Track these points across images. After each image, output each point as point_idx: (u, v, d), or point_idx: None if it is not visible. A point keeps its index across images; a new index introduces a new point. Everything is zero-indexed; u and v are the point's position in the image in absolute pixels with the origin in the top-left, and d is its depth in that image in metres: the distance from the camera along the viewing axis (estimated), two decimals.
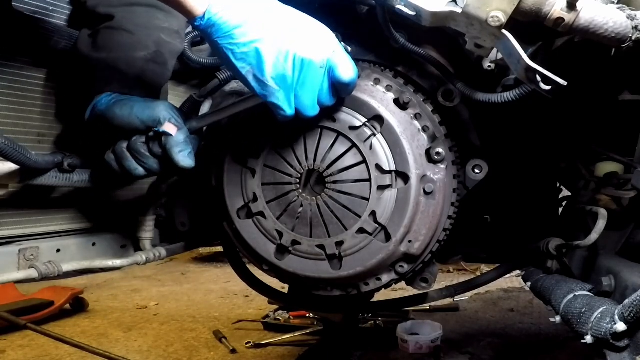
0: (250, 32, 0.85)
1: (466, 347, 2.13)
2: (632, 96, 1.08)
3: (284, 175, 1.06)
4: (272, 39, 0.86)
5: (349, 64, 0.92)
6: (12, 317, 2.24)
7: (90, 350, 1.88)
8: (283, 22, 0.88)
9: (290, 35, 0.87)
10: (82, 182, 1.14)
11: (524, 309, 2.77)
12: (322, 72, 0.90)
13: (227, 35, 0.85)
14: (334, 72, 0.91)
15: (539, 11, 0.80)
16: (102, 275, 3.89)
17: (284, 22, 0.88)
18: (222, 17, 0.84)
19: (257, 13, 0.86)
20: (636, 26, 0.80)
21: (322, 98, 0.93)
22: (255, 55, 0.86)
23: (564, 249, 1.15)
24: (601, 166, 1.21)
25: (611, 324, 0.81)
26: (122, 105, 1.04)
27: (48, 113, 1.17)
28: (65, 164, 1.10)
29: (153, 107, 1.03)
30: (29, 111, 1.14)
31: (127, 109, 1.03)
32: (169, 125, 1.01)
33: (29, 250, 1.17)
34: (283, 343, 2.31)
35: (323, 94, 0.93)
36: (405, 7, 0.91)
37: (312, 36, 0.90)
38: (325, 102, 0.94)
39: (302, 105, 0.92)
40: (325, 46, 0.90)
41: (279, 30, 0.87)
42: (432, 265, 1.18)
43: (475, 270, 3.73)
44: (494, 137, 1.18)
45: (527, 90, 0.91)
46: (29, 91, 1.13)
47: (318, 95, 0.92)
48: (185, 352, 2.28)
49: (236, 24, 0.85)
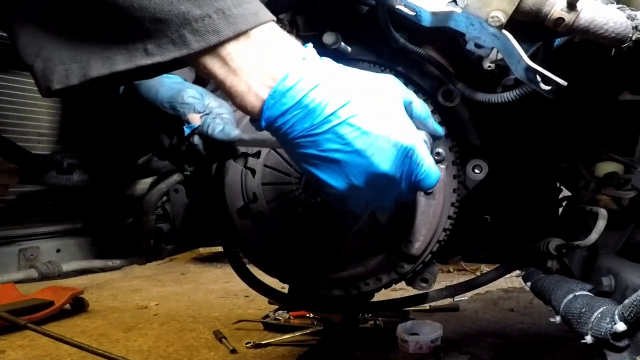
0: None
1: (466, 347, 2.13)
2: (632, 96, 1.08)
3: (284, 175, 1.06)
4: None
5: (433, 171, 0.76)
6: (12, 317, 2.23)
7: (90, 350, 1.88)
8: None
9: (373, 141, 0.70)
10: (81, 182, 1.15)
11: (524, 309, 2.77)
12: (402, 183, 0.75)
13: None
14: (416, 182, 0.75)
15: (539, 11, 0.80)
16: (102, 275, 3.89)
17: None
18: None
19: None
20: (636, 26, 0.80)
21: (400, 199, 0.79)
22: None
23: (564, 249, 1.15)
24: (601, 166, 1.21)
25: (611, 324, 0.81)
26: (149, 86, 1.01)
27: (48, 113, 1.17)
28: (65, 164, 1.10)
29: (177, 91, 0.99)
30: (29, 111, 1.14)
31: (153, 91, 1.00)
32: (193, 116, 0.97)
33: (29, 250, 1.17)
34: (283, 343, 2.31)
35: (402, 197, 0.79)
36: (405, 7, 0.91)
37: (391, 142, 0.70)
38: (403, 201, 0.82)
39: (376, 207, 0.82)
40: (408, 153, 0.73)
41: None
42: (432, 265, 1.18)
43: (475, 270, 3.73)
44: (494, 137, 1.18)
45: (527, 90, 0.91)
46: (29, 91, 1.13)
47: (395, 197, 0.78)
48: (185, 352, 2.27)
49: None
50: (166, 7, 0.60)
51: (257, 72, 0.65)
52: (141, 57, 0.62)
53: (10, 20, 0.64)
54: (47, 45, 0.64)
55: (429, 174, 0.75)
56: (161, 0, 0.60)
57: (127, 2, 0.60)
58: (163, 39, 0.61)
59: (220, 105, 1.00)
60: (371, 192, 0.73)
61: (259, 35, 0.65)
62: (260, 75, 0.65)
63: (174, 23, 0.61)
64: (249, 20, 0.64)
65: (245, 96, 0.66)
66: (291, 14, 1.12)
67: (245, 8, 0.64)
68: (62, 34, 0.64)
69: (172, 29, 0.61)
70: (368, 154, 0.68)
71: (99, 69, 0.63)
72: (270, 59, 0.66)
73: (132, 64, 0.62)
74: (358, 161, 0.68)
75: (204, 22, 0.61)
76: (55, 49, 0.63)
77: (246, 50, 0.65)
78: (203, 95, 0.99)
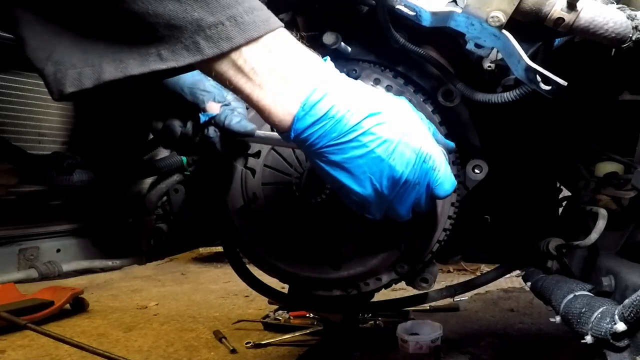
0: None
1: (466, 347, 2.13)
2: (632, 96, 1.08)
3: (284, 176, 1.06)
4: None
5: (448, 178, 0.80)
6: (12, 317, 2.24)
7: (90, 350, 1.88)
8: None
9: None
10: (81, 182, 1.15)
11: (524, 309, 2.77)
12: (420, 188, 0.78)
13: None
14: (432, 188, 0.79)
15: (539, 11, 0.80)
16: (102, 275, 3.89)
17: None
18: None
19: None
20: (636, 26, 0.80)
21: (417, 207, 0.82)
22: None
23: (564, 249, 1.15)
24: (601, 166, 1.21)
25: (611, 324, 0.81)
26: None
27: (48, 113, 1.17)
28: (65, 164, 1.10)
29: (199, 79, 0.99)
30: (29, 111, 1.14)
31: (175, 78, 0.99)
32: (212, 104, 0.97)
33: (29, 250, 1.17)
34: (283, 343, 2.31)
35: (419, 205, 0.81)
36: (405, 7, 0.91)
37: (411, 150, 0.75)
38: (420, 210, 0.83)
39: (395, 214, 0.81)
40: (426, 159, 0.77)
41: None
42: (432, 265, 1.18)
43: (475, 270, 3.73)
44: (494, 137, 1.18)
45: (527, 90, 0.91)
46: (29, 91, 1.13)
47: (413, 204, 0.81)
48: (185, 352, 2.27)
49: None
50: (180, 14, 0.61)
51: (280, 83, 0.68)
52: (154, 62, 0.63)
53: (18, 23, 0.64)
54: (58, 48, 0.64)
55: (445, 181, 0.79)
56: (175, 7, 0.61)
57: (142, 8, 0.60)
58: (177, 45, 0.62)
59: (236, 99, 1.00)
60: (392, 197, 0.77)
61: (272, 42, 0.67)
62: (284, 87, 0.68)
63: (187, 30, 0.62)
64: (260, 27, 0.65)
65: (272, 110, 0.69)
66: (291, 14, 1.12)
67: (256, 15, 0.65)
68: (73, 38, 0.64)
69: (185, 35, 0.62)
70: (390, 160, 0.73)
71: (112, 73, 0.63)
72: (292, 70, 0.69)
73: (146, 68, 0.63)
74: (380, 166, 0.73)
75: (217, 29, 0.63)
76: (67, 53, 0.63)
77: (260, 57, 0.67)
78: (221, 88, 0.99)
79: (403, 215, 0.82)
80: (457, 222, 1.11)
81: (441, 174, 0.79)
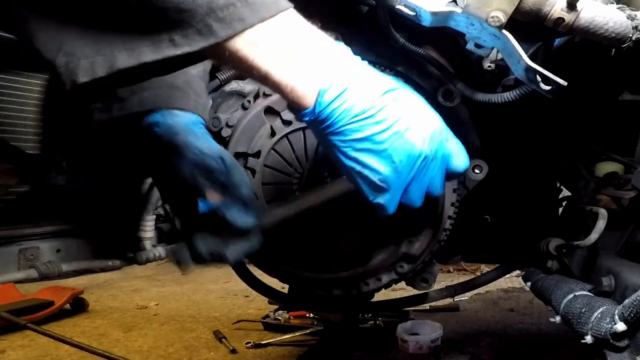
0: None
1: (466, 347, 2.12)
2: (632, 96, 1.08)
3: (284, 176, 1.06)
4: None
5: (462, 151, 0.82)
6: (12, 317, 2.24)
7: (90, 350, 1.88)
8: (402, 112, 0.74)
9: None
10: (81, 182, 1.14)
11: (524, 309, 2.77)
12: (437, 164, 0.78)
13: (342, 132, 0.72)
14: (448, 162, 0.80)
15: (539, 11, 0.80)
16: (102, 275, 3.89)
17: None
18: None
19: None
20: (636, 26, 0.80)
21: (432, 189, 0.80)
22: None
23: (564, 249, 1.15)
24: (601, 166, 1.21)
25: (611, 324, 0.81)
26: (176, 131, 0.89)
27: None
28: (64, 164, 1.10)
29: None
30: (29, 111, 1.14)
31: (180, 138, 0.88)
32: (212, 194, 0.85)
33: (29, 250, 1.17)
34: (283, 343, 2.31)
35: (434, 186, 0.80)
36: (405, 7, 0.91)
37: (426, 124, 0.76)
38: (434, 193, 0.81)
39: (410, 199, 0.79)
40: (440, 133, 0.77)
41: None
42: (432, 265, 1.18)
43: (475, 270, 3.73)
44: (494, 137, 1.18)
45: (527, 90, 0.91)
46: (29, 91, 1.13)
47: (428, 187, 0.79)
48: (185, 352, 2.27)
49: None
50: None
51: (303, 59, 0.68)
52: (167, 48, 0.62)
53: (25, 18, 0.64)
54: (68, 40, 0.63)
55: (460, 153, 0.81)
56: None
57: None
58: (189, 29, 0.62)
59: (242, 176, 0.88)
60: (410, 178, 0.76)
61: (285, 22, 0.67)
62: (306, 63, 0.68)
63: (198, 13, 0.61)
64: (270, 8, 0.65)
65: (295, 86, 0.69)
66: None
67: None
68: (83, 28, 0.64)
69: (197, 18, 0.61)
70: (407, 134, 0.73)
71: (126, 60, 0.63)
72: (311, 48, 0.69)
73: (160, 54, 0.62)
74: (399, 141, 0.72)
75: (228, 10, 0.62)
76: (77, 44, 0.63)
77: (276, 35, 0.66)
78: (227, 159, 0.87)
79: (417, 199, 0.79)
80: (457, 222, 1.11)
81: (455, 147, 0.80)
